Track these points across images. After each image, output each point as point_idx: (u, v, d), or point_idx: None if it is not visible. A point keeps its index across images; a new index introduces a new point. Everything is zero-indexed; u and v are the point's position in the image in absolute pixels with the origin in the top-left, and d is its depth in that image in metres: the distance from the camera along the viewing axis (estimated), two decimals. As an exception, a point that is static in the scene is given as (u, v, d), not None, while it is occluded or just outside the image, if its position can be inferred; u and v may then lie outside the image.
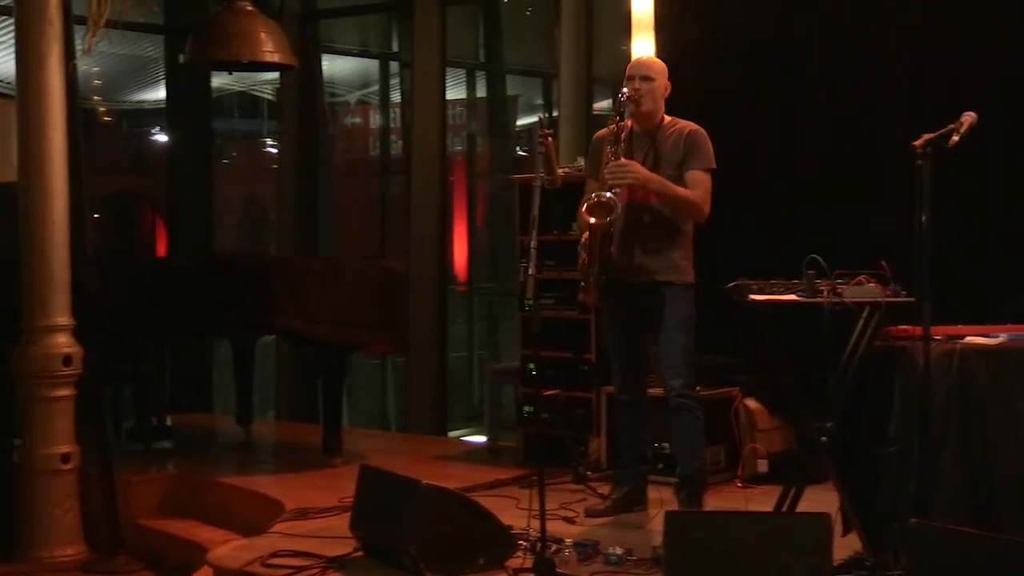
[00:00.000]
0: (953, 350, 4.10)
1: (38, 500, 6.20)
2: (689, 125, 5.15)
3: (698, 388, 5.22)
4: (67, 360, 6.21)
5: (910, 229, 3.94)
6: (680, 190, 5.00)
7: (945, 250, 4.48)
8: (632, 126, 5.15)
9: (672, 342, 5.07)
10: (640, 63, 5.26)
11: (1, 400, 6.93)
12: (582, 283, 5.03)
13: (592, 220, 4.87)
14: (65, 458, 6.22)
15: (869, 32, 6.14)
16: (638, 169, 4.94)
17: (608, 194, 4.84)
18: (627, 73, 5.14)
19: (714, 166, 5.08)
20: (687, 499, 5.11)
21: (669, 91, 5.22)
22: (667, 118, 5.21)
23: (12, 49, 6.33)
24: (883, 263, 4.28)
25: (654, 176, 4.98)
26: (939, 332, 4.14)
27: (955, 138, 3.92)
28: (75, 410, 6.30)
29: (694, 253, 5.19)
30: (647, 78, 5.11)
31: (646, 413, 5.35)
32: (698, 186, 5.03)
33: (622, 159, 4.96)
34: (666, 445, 5.73)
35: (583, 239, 5.00)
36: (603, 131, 5.27)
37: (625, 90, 5.05)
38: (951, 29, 5.88)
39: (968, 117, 3.99)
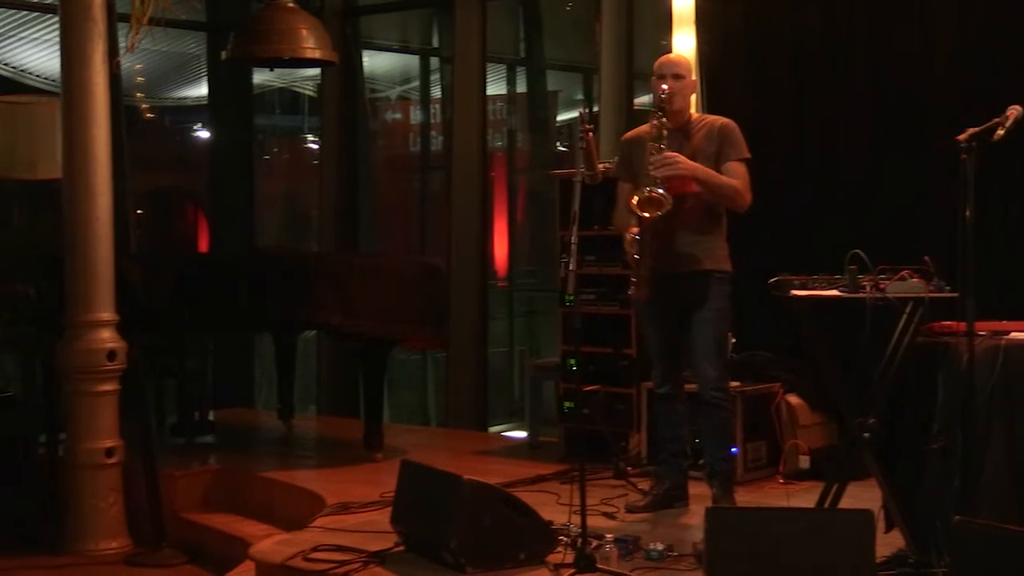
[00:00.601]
0: (998, 346, 4.05)
1: (83, 494, 6.26)
2: (719, 119, 5.20)
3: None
4: (111, 355, 6.26)
5: (954, 224, 3.90)
6: (725, 179, 5.02)
7: (989, 245, 4.42)
8: None
9: (708, 333, 5.08)
10: (669, 62, 5.23)
11: (46, 395, 7.02)
12: (633, 279, 5.00)
13: (645, 215, 4.84)
14: (109, 452, 6.28)
15: (912, 23, 6.09)
16: (684, 161, 4.94)
17: (660, 190, 4.82)
18: (656, 72, 5.13)
19: (748, 156, 5.10)
20: (721, 490, 5.13)
21: (696, 88, 5.21)
22: (694, 115, 5.28)
23: (57, 47, 6.39)
24: (927, 258, 4.25)
25: (700, 167, 4.98)
26: (983, 328, 4.09)
27: (1000, 132, 3.88)
28: (119, 405, 6.35)
29: (733, 246, 5.19)
30: (678, 76, 5.11)
31: (684, 407, 5.34)
32: (738, 176, 5.05)
33: (666, 152, 4.94)
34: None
35: (628, 236, 4.96)
36: (631, 133, 5.35)
37: (665, 86, 5.04)
38: (996, 20, 5.82)
39: (1014, 111, 3.93)
